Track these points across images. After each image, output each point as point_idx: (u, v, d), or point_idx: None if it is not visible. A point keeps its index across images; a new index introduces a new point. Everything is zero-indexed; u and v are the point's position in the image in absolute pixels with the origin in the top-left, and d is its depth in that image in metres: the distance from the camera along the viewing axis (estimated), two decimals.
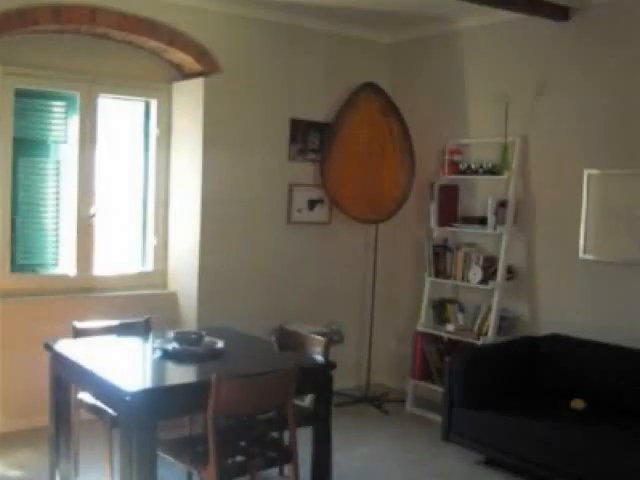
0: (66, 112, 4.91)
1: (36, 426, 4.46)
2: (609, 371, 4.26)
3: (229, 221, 5.19)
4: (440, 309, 5.39)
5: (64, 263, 4.97)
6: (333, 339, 4.88)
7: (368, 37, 5.79)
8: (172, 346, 3.56)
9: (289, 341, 4.05)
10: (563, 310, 4.76)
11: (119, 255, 5.27)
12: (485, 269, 5.03)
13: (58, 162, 4.90)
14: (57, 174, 4.90)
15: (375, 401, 5.55)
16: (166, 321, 4.80)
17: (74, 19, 4.51)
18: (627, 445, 3.71)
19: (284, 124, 5.41)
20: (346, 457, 4.41)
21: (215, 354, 3.57)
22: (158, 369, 3.50)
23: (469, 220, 5.23)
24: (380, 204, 5.63)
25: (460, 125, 5.42)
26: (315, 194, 5.59)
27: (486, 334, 4.94)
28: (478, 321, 5.09)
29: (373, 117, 5.59)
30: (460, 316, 5.28)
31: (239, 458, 3.30)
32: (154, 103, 5.24)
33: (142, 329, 4.13)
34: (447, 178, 5.36)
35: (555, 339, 4.61)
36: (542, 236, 4.91)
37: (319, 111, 5.55)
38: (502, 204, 4.95)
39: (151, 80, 5.17)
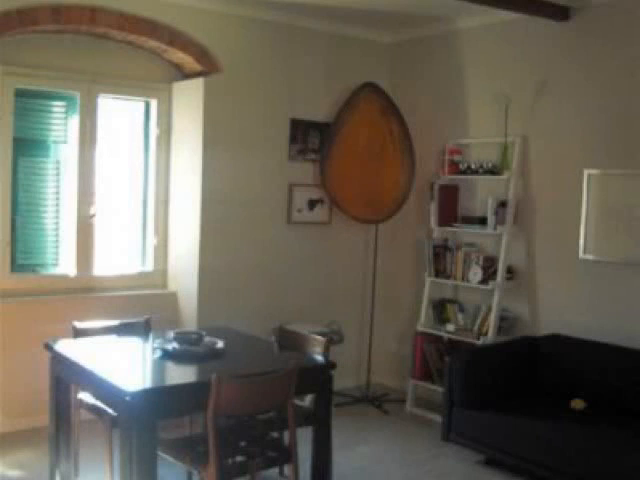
0: (66, 112, 4.91)
1: (36, 426, 4.47)
2: (609, 371, 4.26)
3: (229, 221, 5.18)
4: (440, 309, 5.40)
5: (64, 263, 4.97)
6: (333, 339, 4.88)
7: (368, 37, 5.79)
8: (172, 346, 3.56)
9: (289, 341, 4.05)
10: (563, 310, 4.76)
11: (119, 255, 5.26)
12: (485, 269, 5.03)
13: (58, 162, 4.90)
14: (57, 174, 4.90)
15: (375, 401, 5.55)
16: (166, 321, 4.81)
17: (74, 19, 4.52)
18: (627, 445, 3.71)
19: (284, 124, 5.41)
20: (346, 457, 4.41)
21: (215, 354, 3.57)
22: (158, 369, 3.49)
23: (469, 220, 5.23)
24: (380, 204, 5.63)
25: (460, 125, 5.42)
26: (315, 194, 5.59)
27: (486, 334, 4.94)
28: (478, 321, 5.10)
29: (373, 117, 5.59)
30: (460, 316, 5.28)
31: (239, 458, 3.30)
32: (154, 103, 5.24)
33: (142, 329, 4.13)
34: (447, 178, 5.36)
35: (555, 339, 4.61)
36: (542, 236, 4.91)
37: (319, 111, 5.55)
38: (502, 204, 4.95)
39: (151, 80, 5.17)
